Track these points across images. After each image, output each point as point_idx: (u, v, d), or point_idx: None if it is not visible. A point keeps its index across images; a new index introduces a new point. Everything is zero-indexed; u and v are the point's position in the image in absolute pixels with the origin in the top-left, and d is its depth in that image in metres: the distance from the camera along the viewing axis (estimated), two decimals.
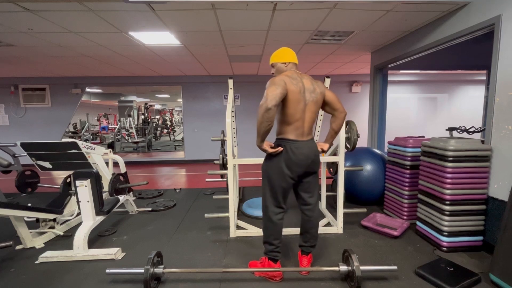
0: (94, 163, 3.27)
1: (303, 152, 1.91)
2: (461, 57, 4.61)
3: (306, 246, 2.11)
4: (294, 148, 1.90)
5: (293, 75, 1.87)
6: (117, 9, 2.74)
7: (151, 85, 7.52)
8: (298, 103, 1.85)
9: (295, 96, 1.83)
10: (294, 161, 1.90)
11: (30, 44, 3.91)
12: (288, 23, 3.19)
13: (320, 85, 1.97)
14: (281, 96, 1.74)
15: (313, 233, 2.10)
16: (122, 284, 2.03)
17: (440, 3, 2.66)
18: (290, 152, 1.89)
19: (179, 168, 6.94)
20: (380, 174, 3.44)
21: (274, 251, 2.03)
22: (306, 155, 1.92)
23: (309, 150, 1.94)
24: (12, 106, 6.99)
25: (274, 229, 2.01)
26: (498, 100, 2.28)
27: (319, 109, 2.00)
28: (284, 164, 1.90)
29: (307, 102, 1.89)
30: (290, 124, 1.90)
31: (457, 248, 2.40)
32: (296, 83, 1.84)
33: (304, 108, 1.89)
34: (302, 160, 1.91)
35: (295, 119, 1.88)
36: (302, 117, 1.90)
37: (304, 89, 1.88)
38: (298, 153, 1.90)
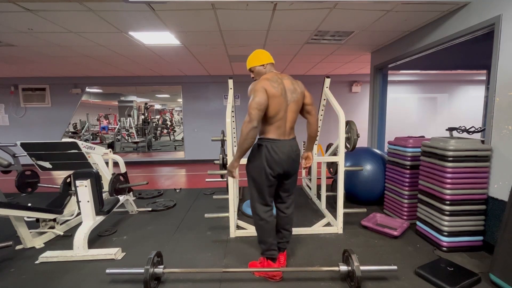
0: (94, 163, 3.27)
1: (284, 150, 1.93)
2: (461, 57, 4.61)
3: (282, 242, 2.15)
4: (275, 147, 1.92)
5: (273, 78, 1.92)
6: (117, 9, 2.74)
7: (151, 85, 7.52)
8: (280, 104, 1.89)
9: (276, 100, 1.87)
10: (276, 159, 1.92)
11: (30, 44, 3.91)
12: (288, 23, 3.19)
13: (300, 85, 2.02)
14: (264, 108, 1.82)
15: (288, 229, 2.15)
16: (122, 284, 2.03)
17: (440, 3, 2.66)
18: (272, 151, 1.91)
19: (179, 168, 6.94)
20: (380, 174, 3.44)
21: (270, 249, 2.05)
22: (287, 154, 1.94)
23: (290, 149, 1.97)
24: (12, 106, 6.99)
25: (266, 227, 2.03)
26: (498, 100, 2.28)
27: (300, 109, 2.03)
28: (266, 163, 1.92)
29: (289, 102, 1.94)
30: (271, 124, 1.93)
31: (457, 248, 2.40)
32: (277, 86, 1.88)
33: (286, 108, 1.93)
34: (283, 159, 1.93)
35: (277, 119, 1.92)
36: (284, 117, 1.93)
37: (285, 90, 1.93)
38: (279, 151, 1.92)
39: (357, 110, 7.48)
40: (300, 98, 1.99)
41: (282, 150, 1.93)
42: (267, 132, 1.95)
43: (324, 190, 3.36)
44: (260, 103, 1.80)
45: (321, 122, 3.82)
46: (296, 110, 1.99)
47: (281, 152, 1.93)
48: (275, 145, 1.93)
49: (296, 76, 8.45)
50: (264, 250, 2.07)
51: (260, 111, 1.81)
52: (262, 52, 2.05)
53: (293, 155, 1.98)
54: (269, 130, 1.94)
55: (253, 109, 1.79)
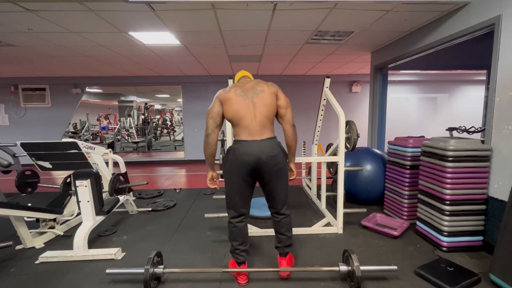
0: (94, 163, 3.27)
1: (249, 152, 1.85)
2: (461, 57, 4.61)
3: (280, 246, 2.09)
4: (240, 148, 1.87)
5: (232, 86, 2.00)
6: (117, 9, 2.74)
7: (151, 85, 7.52)
8: (237, 104, 1.89)
9: (231, 101, 1.90)
10: (240, 160, 1.86)
11: (30, 44, 3.91)
12: (288, 23, 3.19)
13: (269, 85, 1.97)
14: (216, 116, 1.91)
15: (284, 233, 2.06)
16: (122, 284, 2.03)
17: (440, 3, 2.66)
18: (237, 152, 1.87)
19: (179, 168, 6.94)
20: (380, 174, 3.44)
21: (234, 252, 2.01)
22: (254, 155, 1.85)
23: (258, 149, 1.86)
24: (12, 106, 6.99)
25: (233, 231, 2.00)
26: (498, 100, 2.28)
27: (271, 107, 1.93)
28: (233, 165, 1.89)
29: (250, 99, 1.90)
30: (237, 125, 1.91)
31: (457, 248, 2.40)
32: (229, 89, 1.95)
33: (248, 106, 1.89)
34: (248, 160, 1.85)
35: (239, 118, 1.89)
36: (248, 115, 1.88)
37: (244, 90, 1.93)
38: (243, 152, 1.86)
39: (357, 110, 7.47)
40: (267, 97, 1.91)
41: (247, 151, 1.85)
42: (236, 135, 1.93)
43: (324, 190, 3.36)
44: (211, 111, 1.92)
45: (321, 122, 3.82)
46: (264, 106, 1.89)
47: (245, 153, 1.85)
48: (241, 145, 1.87)
49: (296, 76, 8.41)
50: (230, 250, 2.05)
51: (212, 119, 1.91)
52: (239, 73, 2.22)
53: (264, 157, 1.85)
54: (237, 132, 1.92)
55: (207, 119, 1.93)
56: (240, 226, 2.00)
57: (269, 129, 1.94)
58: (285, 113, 1.97)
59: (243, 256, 2.01)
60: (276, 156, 1.89)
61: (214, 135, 1.91)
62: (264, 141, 1.88)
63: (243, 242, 2.01)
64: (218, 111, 1.92)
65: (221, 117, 1.93)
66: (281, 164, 1.93)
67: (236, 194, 1.94)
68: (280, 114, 1.98)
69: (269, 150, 1.88)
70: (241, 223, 2.00)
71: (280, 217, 2.05)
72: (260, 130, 1.90)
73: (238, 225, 1.99)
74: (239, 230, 2.00)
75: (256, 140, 1.87)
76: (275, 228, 2.09)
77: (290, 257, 2.14)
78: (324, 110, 3.63)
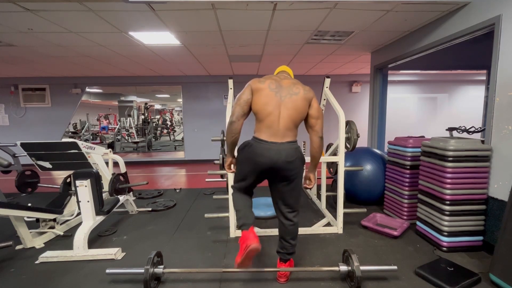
0: (94, 163, 3.27)
1: (267, 154, 1.77)
2: (461, 57, 4.61)
3: (282, 253, 2.00)
4: (258, 148, 1.79)
5: (267, 77, 1.89)
6: (117, 9, 2.74)
7: (151, 85, 7.52)
8: (267, 97, 1.79)
9: (262, 92, 1.81)
10: (255, 160, 1.80)
11: (30, 44, 3.91)
12: (288, 23, 3.19)
13: (307, 90, 1.87)
14: (244, 103, 1.81)
15: (288, 241, 1.97)
16: (122, 284, 2.03)
17: (440, 3, 2.66)
18: (254, 150, 1.80)
19: (179, 168, 6.93)
20: (380, 174, 3.44)
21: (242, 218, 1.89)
22: (270, 157, 1.77)
23: (276, 153, 1.77)
24: (12, 106, 6.99)
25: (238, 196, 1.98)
26: (498, 100, 2.28)
27: (301, 112, 1.83)
28: (246, 161, 1.85)
29: (282, 98, 1.81)
30: (262, 121, 1.82)
31: (457, 248, 2.40)
32: (264, 80, 1.85)
33: (278, 104, 1.80)
34: (264, 162, 1.79)
35: (265, 113, 1.80)
36: (274, 113, 1.79)
37: (279, 85, 1.83)
38: (260, 153, 1.78)
39: (357, 110, 7.48)
40: (300, 100, 1.82)
41: (265, 153, 1.77)
42: (257, 131, 1.85)
43: (324, 190, 3.36)
44: (240, 97, 1.82)
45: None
46: (294, 109, 1.80)
47: (263, 156, 1.77)
48: (259, 146, 1.79)
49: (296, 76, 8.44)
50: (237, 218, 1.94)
51: (240, 106, 1.80)
52: (279, 68, 2.13)
53: (280, 161, 1.77)
54: (259, 129, 1.83)
55: (234, 105, 1.83)
56: (247, 198, 1.99)
57: (292, 132, 1.84)
58: (315, 124, 1.87)
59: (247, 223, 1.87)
60: (293, 162, 1.80)
61: (238, 124, 1.80)
62: (284, 145, 1.79)
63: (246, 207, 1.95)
64: (248, 99, 1.81)
65: (249, 106, 1.82)
66: (297, 170, 1.84)
67: (244, 182, 1.93)
68: (310, 124, 1.89)
69: (287, 155, 1.78)
70: (247, 195, 1.99)
71: (287, 223, 1.94)
72: (283, 132, 1.81)
73: (246, 196, 1.98)
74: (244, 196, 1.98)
75: (276, 142, 1.79)
76: (280, 233, 2.00)
77: (291, 263, 2.08)
78: (324, 110, 3.63)
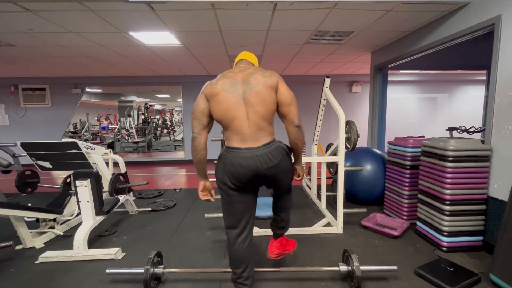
0: (94, 163, 3.27)
1: (243, 164, 1.52)
2: (461, 57, 4.61)
3: (273, 225, 1.93)
4: (232, 158, 1.54)
5: (222, 75, 1.60)
6: (117, 9, 2.74)
7: (151, 85, 7.52)
8: (225, 102, 1.52)
9: (218, 97, 1.53)
10: (232, 173, 1.54)
11: (30, 44, 3.91)
12: (288, 23, 3.19)
13: (267, 75, 1.55)
14: (200, 115, 1.58)
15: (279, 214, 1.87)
16: (122, 284, 2.03)
17: (440, 3, 2.66)
18: (228, 162, 1.55)
19: (179, 168, 6.93)
20: (380, 174, 3.44)
21: (236, 281, 1.67)
22: (248, 168, 1.52)
23: (254, 161, 1.51)
24: (12, 106, 6.99)
25: (232, 254, 1.67)
26: (498, 100, 2.28)
27: (268, 105, 1.55)
28: (224, 177, 1.58)
29: (241, 96, 1.52)
30: (228, 128, 1.57)
31: (457, 248, 2.40)
32: (218, 83, 1.56)
33: (239, 103, 1.52)
34: (242, 174, 1.53)
35: (229, 119, 1.53)
36: (239, 115, 1.52)
37: (233, 83, 1.54)
38: (236, 164, 1.53)
39: (357, 110, 7.47)
40: (263, 91, 1.52)
41: (241, 162, 1.52)
42: (227, 139, 1.61)
43: (324, 190, 3.36)
44: (194, 109, 1.59)
45: (321, 122, 3.82)
46: (260, 104, 1.52)
47: (240, 166, 1.52)
48: (233, 155, 1.54)
49: (296, 76, 8.35)
50: (232, 279, 1.72)
51: (197, 120, 1.58)
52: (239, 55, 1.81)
53: (262, 169, 1.52)
54: (228, 137, 1.59)
55: (191, 119, 1.63)
56: (242, 247, 1.64)
57: (266, 131, 1.57)
58: (288, 111, 1.58)
59: (247, 286, 1.67)
60: (276, 166, 1.56)
61: (200, 138, 1.59)
62: (259, 150, 1.53)
63: (247, 268, 1.66)
64: (203, 109, 1.57)
65: (207, 117, 1.59)
66: (284, 172, 1.64)
67: (231, 206, 1.63)
68: (281, 112, 1.60)
69: (267, 160, 1.53)
70: (243, 244, 1.65)
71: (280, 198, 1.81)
72: (254, 134, 1.54)
73: (240, 246, 1.64)
74: (240, 254, 1.65)
75: (251, 148, 1.53)
76: (273, 208, 1.87)
77: (281, 243, 1.95)
78: (324, 110, 3.64)
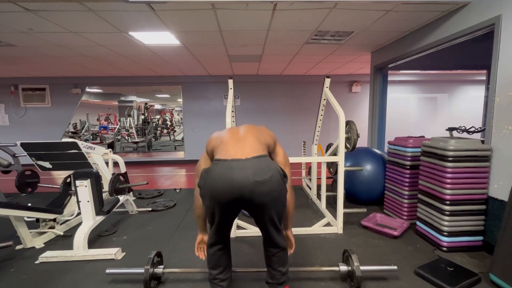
0: (94, 163, 3.27)
1: (228, 176, 1.35)
2: (461, 57, 4.61)
3: (272, 283, 1.65)
4: (216, 170, 1.38)
5: None
6: (117, 9, 2.74)
7: (151, 85, 7.52)
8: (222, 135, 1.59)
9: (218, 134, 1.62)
10: (215, 188, 1.37)
11: (30, 44, 3.91)
12: (288, 23, 3.19)
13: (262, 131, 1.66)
14: None
15: (277, 269, 1.63)
16: (122, 284, 2.03)
17: (440, 3, 2.66)
18: (211, 175, 1.39)
19: (179, 168, 6.93)
20: (380, 174, 3.44)
21: (212, 282, 1.65)
22: (233, 182, 1.34)
23: (241, 173, 1.34)
24: (12, 106, 6.99)
25: (210, 258, 1.64)
26: (498, 100, 2.28)
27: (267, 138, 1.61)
28: (205, 192, 1.43)
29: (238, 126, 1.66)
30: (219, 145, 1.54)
31: (457, 248, 2.40)
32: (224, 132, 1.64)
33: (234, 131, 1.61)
34: (226, 189, 1.35)
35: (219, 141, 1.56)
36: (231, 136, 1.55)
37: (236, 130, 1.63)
38: (219, 176, 1.36)
39: (357, 110, 7.47)
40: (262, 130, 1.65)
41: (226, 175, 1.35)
42: (215, 155, 1.53)
43: (324, 190, 3.36)
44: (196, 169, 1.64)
45: (321, 122, 3.82)
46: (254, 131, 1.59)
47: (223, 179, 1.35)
48: (218, 167, 1.39)
49: (296, 76, 8.38)
50: (209, 279, 1.69)
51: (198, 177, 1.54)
52: None
53: (249, 184, 1.33)
54: (217, 152, 1.51)
55: (194, 177, 1.63)
56: (219, 255, 1.62)
57: (260, 147, 1.49)
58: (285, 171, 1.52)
59: (222, 287, 1.64)
60: (268, 181, 1.36)
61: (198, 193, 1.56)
62: (249, 161, 1.38)
63: (223, 270, 1.64)
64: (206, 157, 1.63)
65: None
66: (277, 191, 1.41)
67: (212, 223, 1.52)
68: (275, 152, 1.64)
69: (257, 173, 1.35)
70: (220, 252, 1.62)
71: (274, 251, 1.60)
72: (248, 148, 1.45)
73: (218, 254, 1.62)
74: (217, 259, 1.62)
75: (239, 159, 1.39)
76: (267, 261, 1.66)
77: None
78: (324, 110, 3.63)
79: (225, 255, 1.66)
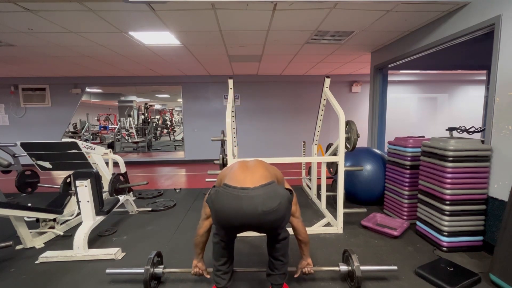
0: (94, 163, 3.27)
1: (237, 205, 1.39)
2: (461, 57, 4.61)
3: (273, 275, 1.69)
4: (224, 197, 1.43)
5: None
6: (117, 9, 2.74)
7: (151, 85, 7.53)
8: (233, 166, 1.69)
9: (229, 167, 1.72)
10: (223, 216, 1.44)
11: (30, 44, 3.91)
12: (288, 23, 3.19)
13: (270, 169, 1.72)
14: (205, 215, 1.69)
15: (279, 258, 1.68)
16: (122, 284, 2.03)
17: (440, 3, 2.66)
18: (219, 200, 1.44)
19: (179, 168, 6.93)
20: (380, 174, 3.44)
21: (215, 274, 1.72)
22: (241, 211, 1.39)
23: (249, 204, 1.39)
24: (12, 106, 6.99)
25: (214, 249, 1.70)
26: (498, 100, 2.28)
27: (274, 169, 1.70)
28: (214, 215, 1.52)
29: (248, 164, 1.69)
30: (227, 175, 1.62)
31: (457, 248, 2.40)
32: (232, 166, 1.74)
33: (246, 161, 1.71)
34: (234, 217, 1.42)
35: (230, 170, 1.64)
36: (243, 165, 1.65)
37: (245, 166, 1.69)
38: (227, 205, 1.41)
39: (357, 110, 7.47)
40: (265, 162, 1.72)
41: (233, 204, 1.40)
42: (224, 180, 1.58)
43: (324, 190, 3.36)
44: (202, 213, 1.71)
45: (321, 122, 3.82)
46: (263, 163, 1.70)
47: (231, 208, 1.40)
48: (225, 194, 1.43)
49: (296, 76, 8.39)
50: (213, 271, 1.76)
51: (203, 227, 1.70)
52: None
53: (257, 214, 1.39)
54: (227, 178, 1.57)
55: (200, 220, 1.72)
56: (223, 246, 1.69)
57: (268, 176, 1.55)
58: (295, 209, 1.67)
59: (224, 280, 1.69)
60: (275, 211, 1.42)
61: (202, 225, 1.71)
62: (257, 190, 1.43)
63: (225, 263, 1.70)
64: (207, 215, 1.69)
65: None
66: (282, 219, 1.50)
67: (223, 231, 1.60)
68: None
69: (264, 203, 1.39)
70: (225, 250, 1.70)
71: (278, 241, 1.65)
72: (254, 172, 1.54)
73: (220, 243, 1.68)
74: (223, 248, 1.69)
75: (248, 188, 1.43)
76: (269, 250, 1.71)
77: None
78: (324, 110, 3.63)
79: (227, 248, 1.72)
